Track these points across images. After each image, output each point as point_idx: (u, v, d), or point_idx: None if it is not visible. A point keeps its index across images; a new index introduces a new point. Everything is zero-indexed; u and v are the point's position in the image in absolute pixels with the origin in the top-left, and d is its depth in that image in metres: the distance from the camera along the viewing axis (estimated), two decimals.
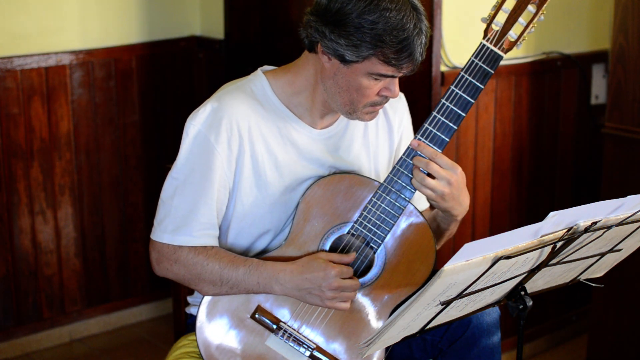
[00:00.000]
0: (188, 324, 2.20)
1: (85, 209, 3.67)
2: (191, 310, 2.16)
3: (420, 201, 2.18)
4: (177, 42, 3.88)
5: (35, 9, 3.47)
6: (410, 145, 1.93)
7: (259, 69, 2.07)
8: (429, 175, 1.93)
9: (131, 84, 3.74)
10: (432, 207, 2.10)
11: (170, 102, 3.89)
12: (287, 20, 3.58)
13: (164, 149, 3.87)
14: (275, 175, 2.01)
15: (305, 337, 1.99)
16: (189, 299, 2.19)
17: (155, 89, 3.83)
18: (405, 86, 2.98)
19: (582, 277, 1.98)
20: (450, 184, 1.92)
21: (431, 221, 2.07)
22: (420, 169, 1.92)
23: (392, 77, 1.92)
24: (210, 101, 2.00)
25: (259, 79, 2.04)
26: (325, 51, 1.92)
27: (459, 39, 3.04)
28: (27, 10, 3.46)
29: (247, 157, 1.99)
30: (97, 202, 3.71)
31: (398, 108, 2.18)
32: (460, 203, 1.97)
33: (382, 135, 2.15)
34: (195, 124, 1.98)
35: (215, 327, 1.99)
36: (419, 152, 1.93)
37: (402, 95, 2.21)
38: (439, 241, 2.11)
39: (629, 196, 1.74)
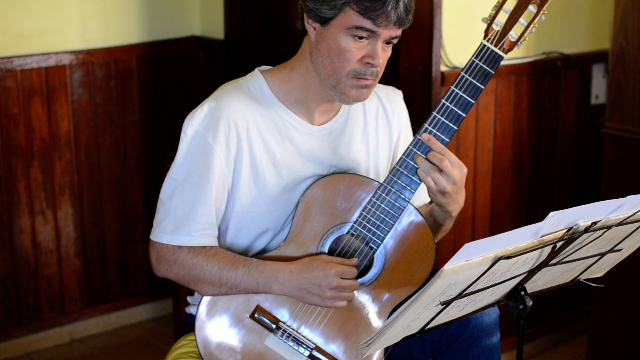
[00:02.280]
0: (188, 324, 2.20)
1: (85, 209, 3.67)
2: (191, 310, 2.16)
3: (421, 195, 2.17)
4: (177, 42, 3.88)
5: (35, 9, 3.47)
6: (420, 138, 1.92)
7: (256, 69, 2.08)
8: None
9: (131, 84, 3.74)
10: (430, 202, 2.10)
11: (170, 102, 3.89)
12: (287, 20, 3.58)
13: (164, 149, 3.87)
14: (274, 174, 2.01)
15: (304, 337, 1.99)
16: (189, 299, 2.19)
17: (155, 89, 3.83)
18: (405, 86, 2.99)
19: (582, 277, 1.98)
20: (455, 183, 1.93)
21: (427, 215, 2.08)
22: (425, 158, 1.92)
23: (371, 32, 1.90)
24: (207, 101, 2.00)
25: (256, 79, 2.04)
26: (309, 20, 1.94)
27: (459, 39, 3.04)
28: (27, 10, 3.46)
29: (246, 156, 1.99)
30: (97, 202, 3.71)
31: (397, 105, 2.18)
32: (457, 201, 1.98)
33: (382, 130, 2.15)
34: (193, 124, 1.98)
35: (214, 326, 1.99)
36: (418, 152, 1.93)
37: (399, 93, 2.21)
38: (435, 236, 2.11)
39: (629, 196, 1.74)
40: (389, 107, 2.16)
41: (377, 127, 2.14)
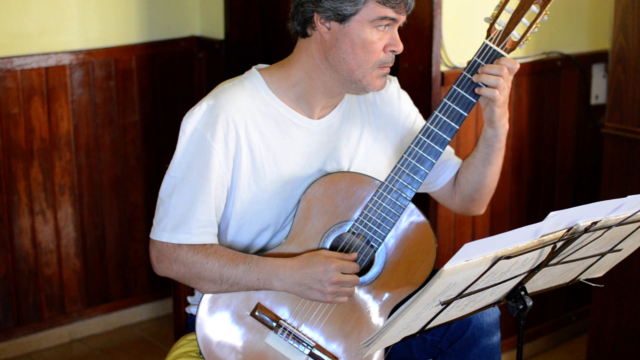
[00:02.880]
0: (188, 324, 2.20)
1: (85, 209, 3.67)
2: (191, 310, 2.16)
3: (444, 175, 2.20)
4: (177, 42, 3.88)
5: (35, 9, 3.47)
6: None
7: (254, 67, 2.08)
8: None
9: (131, 84, 3.74)
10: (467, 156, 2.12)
11: (170, 102, 3.89)
12: (287, 20, 3.58)
13: (164, 149, 3.87)
14: (274, 170, 2.02)
15: (304, 335, 1.99)
16: (189, 299, 2.19)
17: (155, 89, 3.83)
18: (405, 86, 2.99)
19: (582, 277, 1.98)
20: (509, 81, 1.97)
21: (481, 151, 2.09)
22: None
23: (392, 20, 1.93)
24: (206, 99, 2.01)
25: (254, 76, 2.05)
26: (322, 19, 1.94)
27: (459, 39, 3.04)
28: (27, 10, 3.46)
29: (245, 153, 2.00)
30: (97, 202, 3.71)
31: (394, 91, 2.19)
32: (506, 113, 2.02)
33: (384, 118, 2.15)
34: (192, 122, 1.98)
35: (215, 324, 1.99)
36: (420, 150, 1.94)
37: (394, 79, 2.21)
38: (497, 162, 2.12)
39: (629, 196, 1.74)
40: (386, 95, 2.17)
41: (375, 117, 2.15)
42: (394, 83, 2.21)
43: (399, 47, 1.97)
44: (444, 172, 2.21)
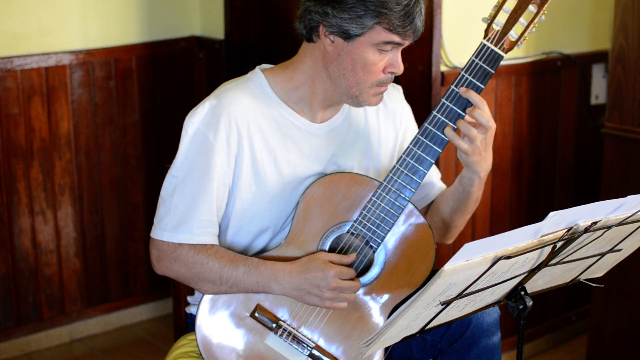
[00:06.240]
0: (188, 324, 2.20)
1: (85, 209, 3.67)
2: (191, 310, 2.16)
3: (436, 185, 2.19)
4: (177, 42, 3.88)
5: (35, 9, 3.47)
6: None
7: (257, 67, 2.08)
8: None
9: (131, 84, 3.74)
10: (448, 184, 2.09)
11: (170, 102, 3.89)
12: (287, 20, 3.58)
13: (164, 149, 3.87)
14: (274, 172, 2.02)
15: (304, 336, 1.99)
16: (189, 298, 2.19)
17: (155, 89, 3.83)
18: (406, 86, 2.99)
19: (582, 277, 1.98)
20: (485, 136, 1.93)
21: (456, 186, 2.07)
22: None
23: (397, 44, 1.93)
24: (209, 99, 2.01)
25: (258, 77, 2.05)
26: (327, 32, 1.94)
27: (459, 39, 3.04)
28: (27, 10, 3.46)
29: (246, 154, 2.00)
30: (97, 202, 3.71)
31: (398, 101, 2.19)
32: (486, 159, 1.98)
33: (385, 127, 2.16)
34: (194, 121, 1.98)
35: (214, 325, 1.99)
36: (418, 151, 1.93)
37: (399, 88, 2.21)
38: (467, 208, 2.10)
39: (629, 196, 1.74)
40: (390, 104, 2.17)
41: (378, 125, 2.15)
42: (400, 94, 2.21)
43: (399, 70, 1.97)
44: (426, 195, 2.20)
